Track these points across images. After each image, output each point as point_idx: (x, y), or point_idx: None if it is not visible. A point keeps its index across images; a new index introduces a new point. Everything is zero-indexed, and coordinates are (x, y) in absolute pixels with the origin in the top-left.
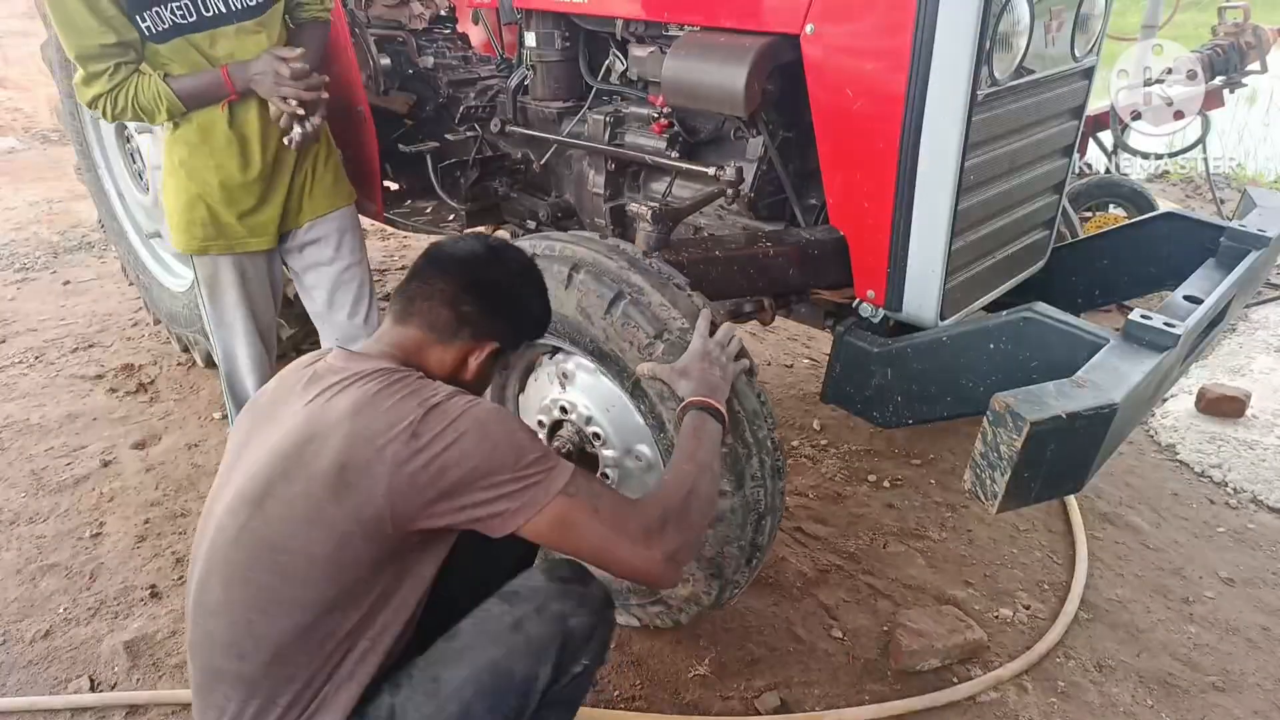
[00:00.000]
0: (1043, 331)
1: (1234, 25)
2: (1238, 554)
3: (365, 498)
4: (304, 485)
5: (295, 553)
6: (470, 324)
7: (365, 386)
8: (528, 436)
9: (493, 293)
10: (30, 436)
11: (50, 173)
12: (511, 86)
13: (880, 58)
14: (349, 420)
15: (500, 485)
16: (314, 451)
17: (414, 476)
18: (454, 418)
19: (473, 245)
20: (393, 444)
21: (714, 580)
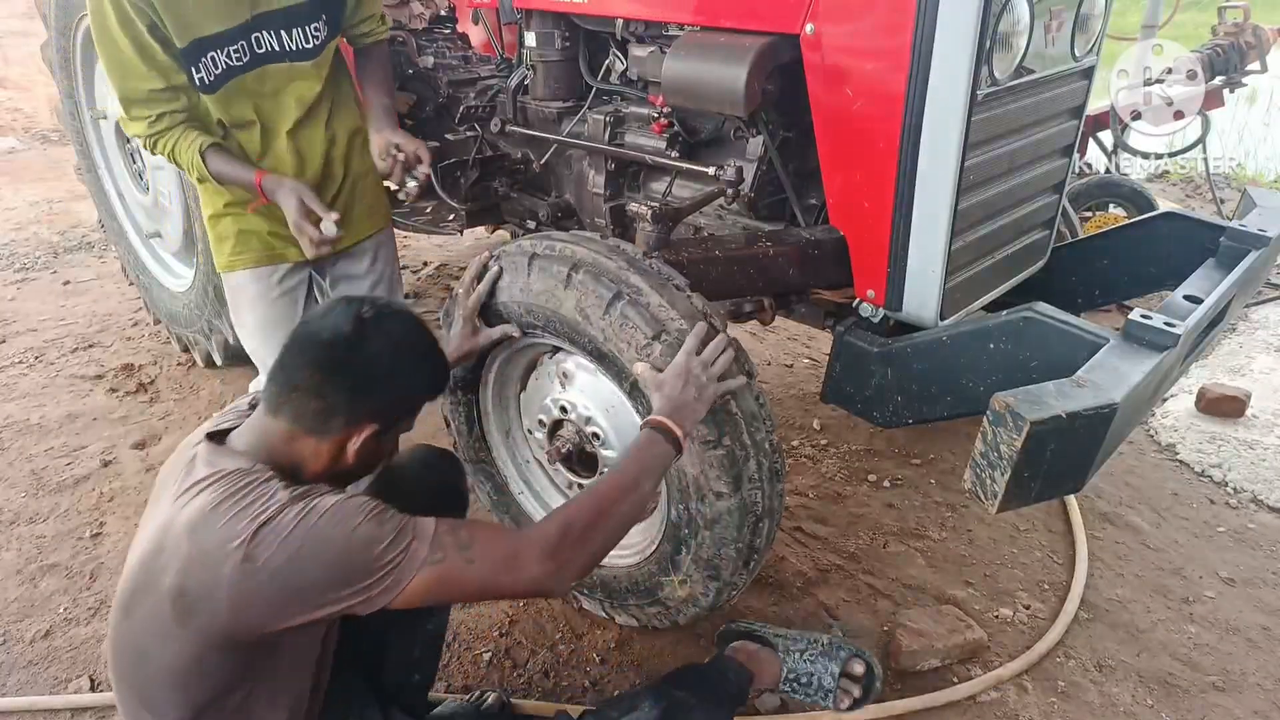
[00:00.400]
0: (1043, 331)
1: (1234, 25)
2: (1238, 554)
3: (209, 619)
4: (154, 602)
5: (158, 665)
6: (340, 412)
7: (208, 497)
8: (374, 526)
9: (362, 376)
10: (30, 436)
11: (50, 173)
12: (511, 86)
13: (880, 57)
14: (186, 540)
15: (354, 583)
16: (160, 567)
17: (255, 595)
18: (286, 534)
19: (338, 323)
20: (227, 567)
21: (711, 582)
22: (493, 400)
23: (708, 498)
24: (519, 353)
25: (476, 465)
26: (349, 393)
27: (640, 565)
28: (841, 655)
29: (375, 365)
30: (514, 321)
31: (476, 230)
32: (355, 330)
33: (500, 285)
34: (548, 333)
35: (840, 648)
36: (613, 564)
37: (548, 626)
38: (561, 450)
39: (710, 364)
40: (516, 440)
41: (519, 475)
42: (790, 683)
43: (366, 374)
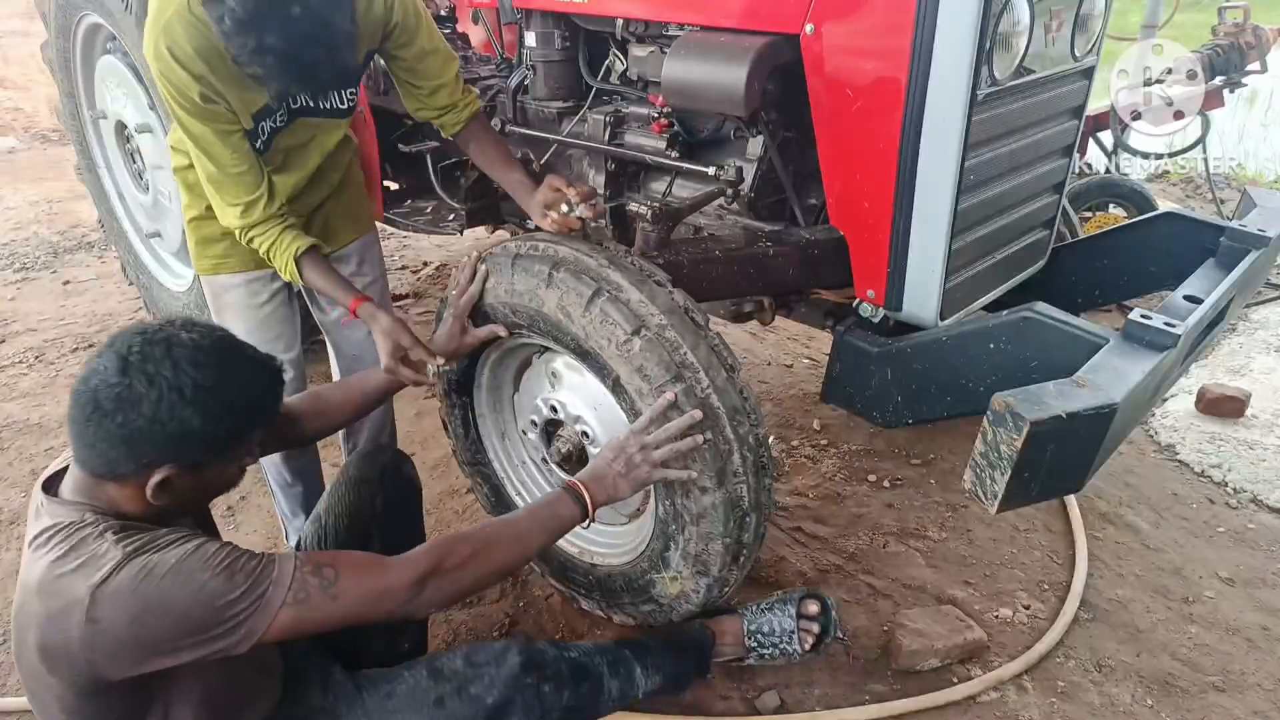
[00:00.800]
0: (1043, 331)
1: (1234, 25)
2: (1238, 554)
3: (74, 672)
4: (27, 654)
5: (51, 703)
6: (123, 461)
7: (48, 555)
8: (222, 581)
9: (127, 425)
10: (30, 436)
11: (50, 173)
12: (511, 86)
13: (880, 58)
14: (36, 599)
15: (208, 632)
16: (25, 625)
17: (110, 653)
18: (125, 596)
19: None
20: (73, 628)
21: (701, 578)
22: (487, 402)
23: (692, 493)
24: (511, 354)
25: (474, 468)
26: (120, 443)
27: (633, 564)
28: (795, 598)
29: (135, 413)
30: (501, 322)
31: (476, 230)
32: (120, 375)
33: (487, 286)
34: (533, 332)
35: (794, 593)
36: (607, 564)
37: (548, 626)
38: (563, 450)
39: (653, 447)
40: (512, 442)
41: (515, 477)
42: (753, 636)
43: (129, 422)
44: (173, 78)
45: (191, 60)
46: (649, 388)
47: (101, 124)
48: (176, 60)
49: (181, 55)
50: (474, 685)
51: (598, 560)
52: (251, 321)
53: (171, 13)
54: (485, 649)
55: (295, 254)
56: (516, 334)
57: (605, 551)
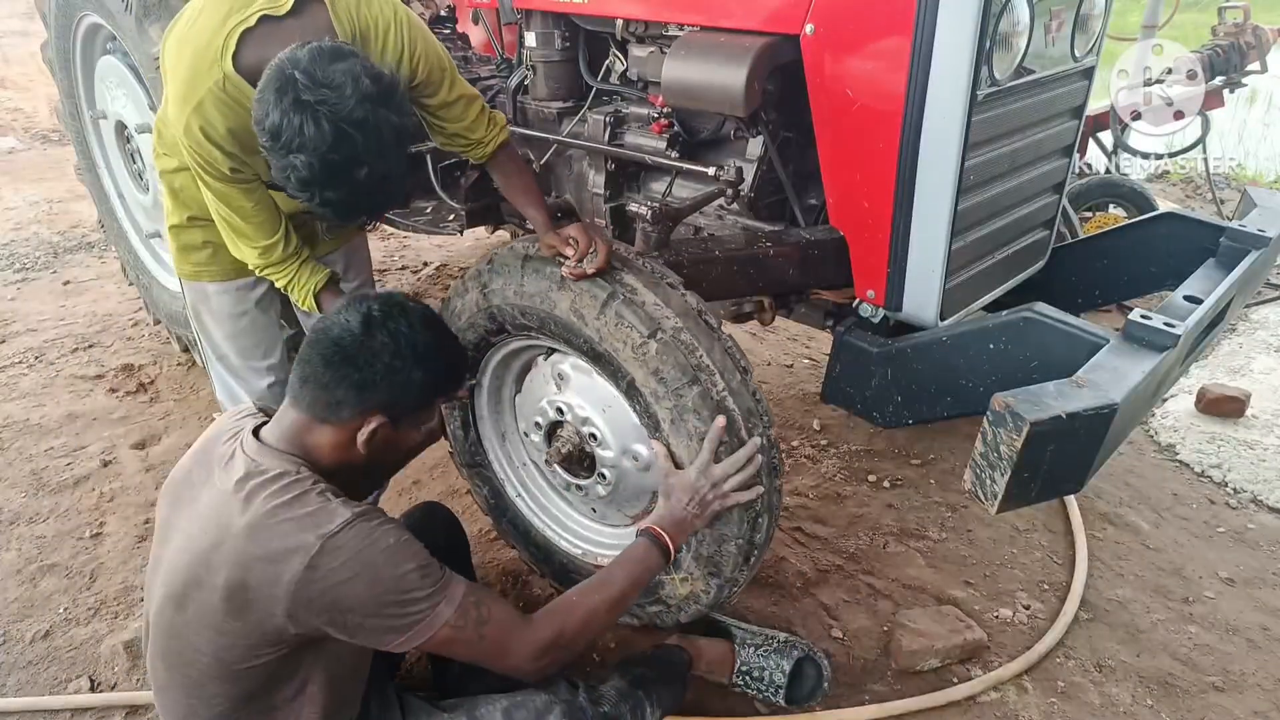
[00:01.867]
0: (1043, 331)
1: (1234, 25)
2: (1238, 554)
3: (265, 615)
4: (210, 596)
5: (210, 656)
6: (348, 404)
7: (265, 502)
8: (419, 577)
9: (366, 371)
10: (30, 436)
11: (50, 173)
12: (511, 86)
13: (880, 58)
14: (246, 540)
15: (387, 620)
16: (219, 562)
17: (310, 603)
18: (347, 557)
19: (349, 319)
20: (289, 571)
21: (712, 579)
22: (488, 404)
23: None
24: (515, 355)
25: (473, 469)
26: (354, 388)
27: None
28: (794, 654)
29: (377, 362)
30: (509, 323)
31: (477, 230)
32: (362, 328)
33: (493, 288)
34: (542, 334)
35: (795, 646)
36: None
37: None
38: (562, 450)
39: (722, 481)
40: (513, 443)
41: (515, 478)
42: (743, 675)
43: (371, 367)
44: (203, 154)
45: (225, 140)
46: (665, 390)
47: (101, 124)
48: (210, 141)
49: (215, 136)
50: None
51: (603, 561)
52: (232, 328)
53: (205, 92)
54: (527, 705)
55: (315, 290)
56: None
57: (611, 551)
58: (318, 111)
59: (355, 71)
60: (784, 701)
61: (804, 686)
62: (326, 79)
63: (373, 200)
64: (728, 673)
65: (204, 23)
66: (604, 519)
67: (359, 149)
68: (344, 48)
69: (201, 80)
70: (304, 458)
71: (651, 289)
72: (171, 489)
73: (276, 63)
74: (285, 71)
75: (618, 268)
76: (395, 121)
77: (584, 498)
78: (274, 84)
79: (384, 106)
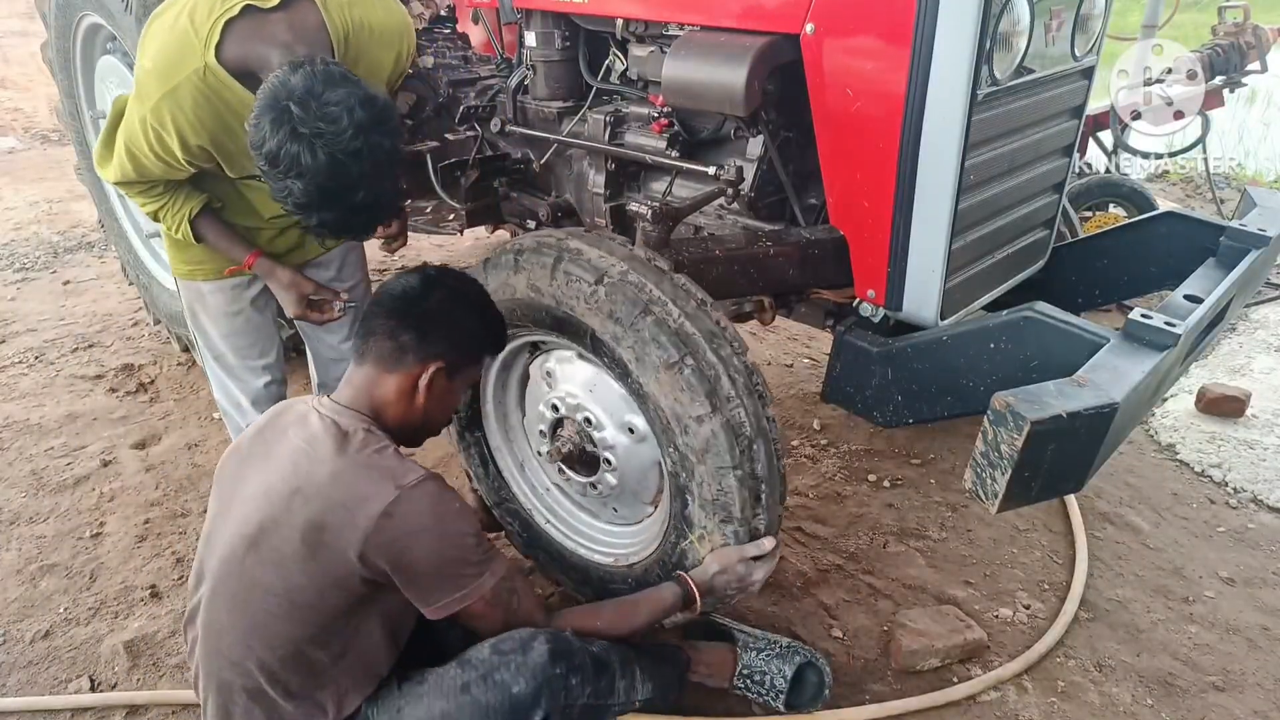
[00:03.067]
0: (1043, 331)
1: (1234, 25)
2: (1238, 554)
3: (339, 556)
4: (288, 534)
5: (281, 596)
6: (410, 350)
7: (347, 451)
8: (475, 542)
9: (426, 318)
10: (30, 436)
11: (50, 173)
12: (511, 86)
13: (880, 58)
14: (329, 484)
15: (440, 578)
16: (299, 505)
17: (380, 548)
18: (422, 509)
19: (409, 280)
20: (366, 515)
21: (726, 525)
22: (499, 433)
23: (690, 426)
24: (509, 370)
25: (500, 507)
26: (417, 333)
27: (662, 544)
28: (797, 659)
29: (438, 310)
30: None
31: (477, 230)
32: (423, 284)
33: None
34: (513, 324)
35: (797, 652)
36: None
37: None
38: (563, 450)
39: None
40: (532, 469)
41: (542, 505)
42: (744, 678)
43: (431, 317)
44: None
45: (194, 133)
46: (623, 329)
47: (101, 124)
48: (176, 131)
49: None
50: (500, 672)
51: (633, 559)
52: (228, 326)
53: (182, 79)
54: (513, 636)
55: (189, 214)
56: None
57: (638, 546)
58: (314, 143)
59: (349, 102)
60: (784, 707)
61: (805, 693)
62: (322, 111)
63: (365, 219)
64: (728, 676)
65: (189, 12)
66: (626, 519)
67: (354, 176)
68: (336, 72)
69: (180, 68)
70: (374, 416)
71: (595, 246)
72: (240, 450)
73: (271, 87)
74: (280, 101)
75: (562, 237)
76: (388, 145)
77: (601, 499)
78: (269, 112)
79: (377, 133)
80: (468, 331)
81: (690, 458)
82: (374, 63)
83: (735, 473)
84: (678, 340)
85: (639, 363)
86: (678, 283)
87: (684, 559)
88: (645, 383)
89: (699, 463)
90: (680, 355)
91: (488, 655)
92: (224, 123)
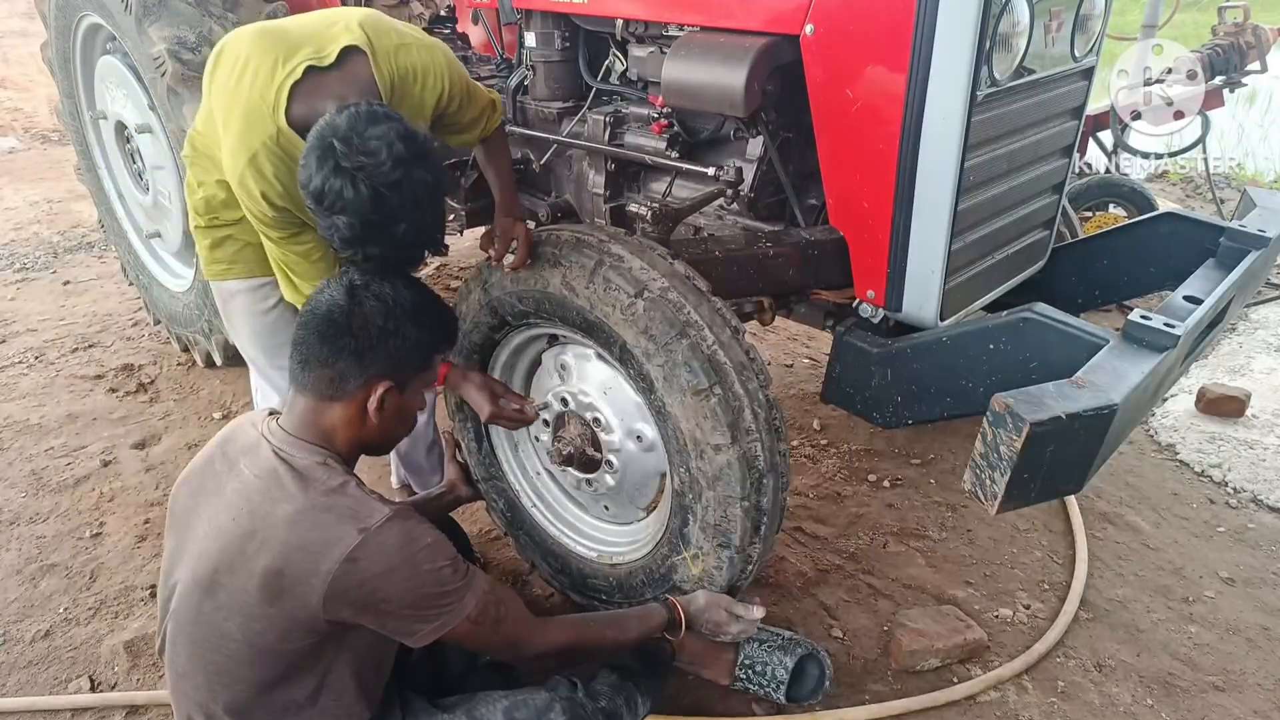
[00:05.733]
0: (1043, 332)
1: (1234, 25)
2: (1238, 554)
3: (300, 603)
4: (244, 581)
5: (241, 642)
6: (350, 377)
7: (304, 493)
8: (450, 572)
9: (359, 339)
10: (30, 436)
11: (50, 173)
12: (511, 86)
13: (880, 58)
14: (286, 529)
15: (418, 612)
16: (254, 549)
17: (346, 593)
18: (388, 551)
19: (333, 295)
20: (328, 563)
21: (723, 551)
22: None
23: (706, 453)
24: (517, 354)
25: (488, 483)
26: (353, 357)
27: (652, 552)
28: (798, 651)
29: (370, 328)
30: (508, 312)
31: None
32: (348, 299)
33: (492, 282)
34: (540, 317)
35: (798, 644)
36: (627, 560)
37: None
38: (563, 452)
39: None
40: (526, 452)
41: (530, 488)
42: (745, 669)
43: (364, 337)
44: (255, 208)
45: (277, 194)
46: (655, 347)
47: (101, 124)
48: (264, 197)
49: (270, 191)
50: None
51: (618, 559)
52: (258, 325)
53: (259, 146)
54: (527, 705)
55: None
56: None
57: (625, 548)
58: (356, 177)
59: (389, 137)
60: (784, 699)
61: (805, 685)
62: (363, 146)
63: (411, 253)
64: (728, 670)
65: (252, 75)
66: (617, 518)
67: (395, 208)
68: (379, 111)
69: (256, 134)
70: (326, 446)
71: (638, 255)
72: (190, 481)
73: (318, 129)
74: (325, 139)
75: (605, 240)
76: (428, 179)
77: (595, 494)
78: (316, 151)
79: (417, 167)
80: (408, 343)
81: (700, 481)
82: (416, 104)
83: (742, 504)
84: (709, 368)
85: (666, 382)
86: (715, 306)
87: (672, 573)
88: (669, 402)
89: (708, 488)
90: (710, 384)
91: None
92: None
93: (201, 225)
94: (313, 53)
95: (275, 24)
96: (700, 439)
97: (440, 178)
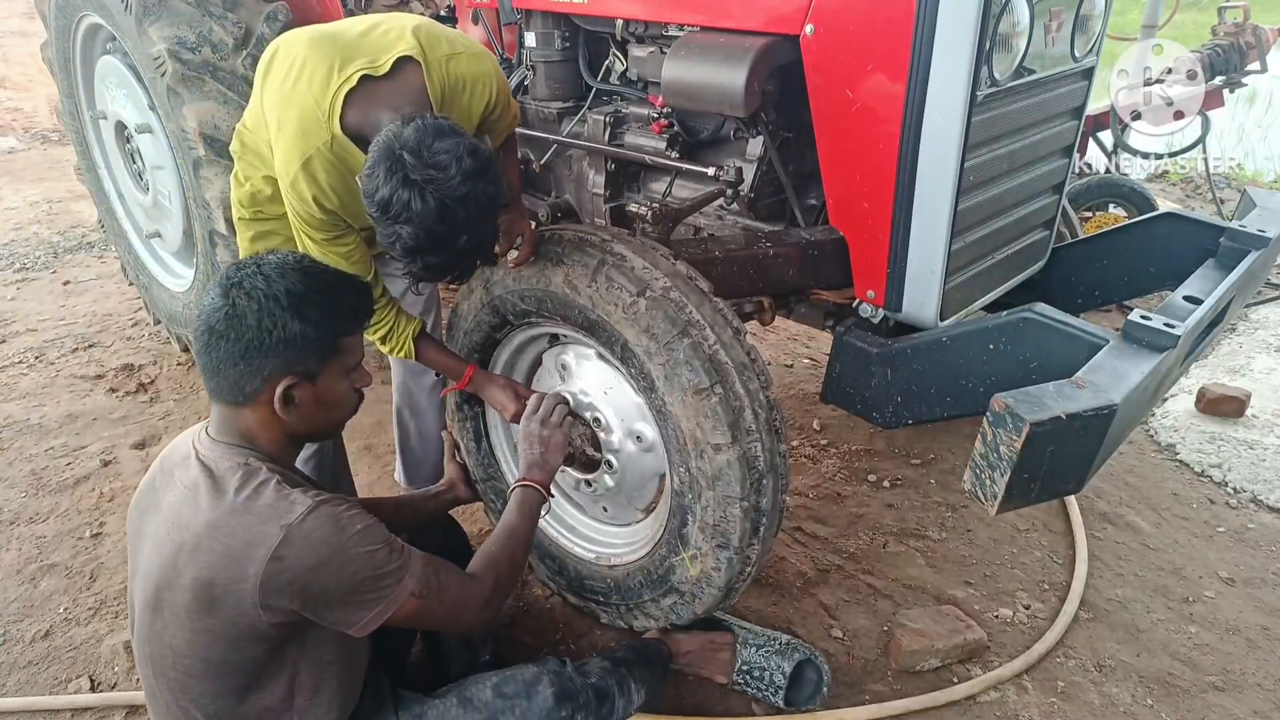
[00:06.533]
0: (1042, 332)
1: (1234, 25)
2: (1238, 554)
3: (237, 610)
4: (179, 596)
5: (192, 657)
6: (245, 379)
7: (222, 497)
8: (385, 550)
9: (242, 340)
10: (30, 436)
11: (50, 173)
12: (511, 86)
13: (880, 58)
14: (209, 537)
15: (357, 598)
16: (184, 563)
17: (280, 592)
18: (315, 543)
19: (210, 298)
20: (254, 565)
21: (721, 551)
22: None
23: (706, 452)
24: (518, 354)
25: (487, 483)
26: (241, 360)
27: (650, 553)
28: (796, 656)
29: (244, 326)
30: (509, 311)
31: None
32: (223, 299)
33: (494, 279)
34: (541, 316)
35: (796, 649)
36: (625, 561)
37: (547, 628)
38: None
39: (548, 418)
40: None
41: None
42: (743, 674)
43: (243, 337)
44: (303, 210)
45: (328, 198)
46: (657, 346)
47: (101, 124)
48: (315, 200)
49: (321, 196)
50: (505, 717)
51: (615, 560)
52: None
53: (314, 152)
54: (515, 679)
55: (412, 335)
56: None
57: (623, 549)
58: (424, 189)
59: (458, 151)
60: (782, 703)
61: (803, 689)
62: (433, 159)
63: (467, 262)
64: (728, 670)
65: (307, 80)
66: (615, 519)
67: (460, 221)
68: (444, 125)
69: (310, 139)
70: (249, 446)
71: (640, 255)
72: (140, 501)
73: (385, 140)
74: (394, 151)
75: (608, 240)
76: (491, 192)
77: (593, 495)
78: (384, 162)
79: (482, 180)
80: (298, 336)
81: (700, 481)
82: (464, 113)
83: (741, 504)
84: (710, 368)
85: (667, 381)
86: (717, 306)
87: (670, 573)
88: (670, 402)
89: (708, 488)
90: (711, 383)
91: (490, 698)
92: (348, 185)
93: (245, 217)
94: (367, 62)
95: (329, 28)
96: (700, 438)
97: (500, 191)
